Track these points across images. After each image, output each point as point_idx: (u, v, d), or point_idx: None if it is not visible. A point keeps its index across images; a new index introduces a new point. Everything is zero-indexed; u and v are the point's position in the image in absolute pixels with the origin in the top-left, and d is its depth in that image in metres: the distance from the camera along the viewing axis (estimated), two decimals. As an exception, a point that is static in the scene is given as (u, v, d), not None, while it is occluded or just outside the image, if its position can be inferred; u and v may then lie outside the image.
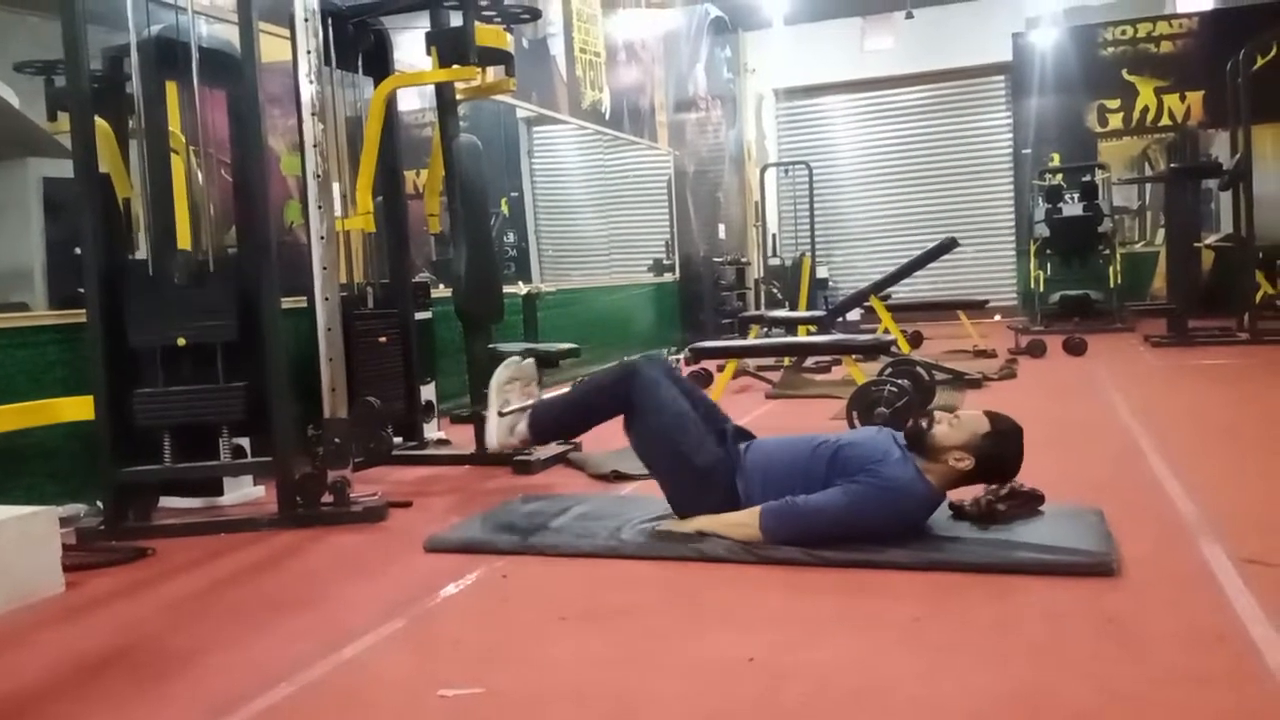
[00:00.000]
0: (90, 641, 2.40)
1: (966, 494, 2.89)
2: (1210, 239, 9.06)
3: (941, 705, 1.81)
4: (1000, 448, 2.72)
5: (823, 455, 2.80)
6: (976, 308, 8.59)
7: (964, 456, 2.70)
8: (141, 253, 3.71)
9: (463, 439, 4.62)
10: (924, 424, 2.76)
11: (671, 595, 2.50)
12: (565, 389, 3.52)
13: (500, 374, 3.28)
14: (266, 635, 2.38)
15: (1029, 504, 2.89)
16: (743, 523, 2.76)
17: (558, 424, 3.28)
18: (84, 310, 3.37)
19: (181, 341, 3.39)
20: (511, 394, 3.27)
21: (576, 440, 4.26)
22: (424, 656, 2.19)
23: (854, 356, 4.97)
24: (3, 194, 5.19)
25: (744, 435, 3.06)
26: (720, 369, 5.35)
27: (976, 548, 2.61)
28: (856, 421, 4.18)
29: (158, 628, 2.49)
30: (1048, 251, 10.17)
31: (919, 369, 5.04)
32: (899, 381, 4.44)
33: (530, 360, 3.37)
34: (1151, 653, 2.01)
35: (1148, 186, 11.17)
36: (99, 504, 3.44)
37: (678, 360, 7.39)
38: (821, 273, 11.24)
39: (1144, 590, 2.36)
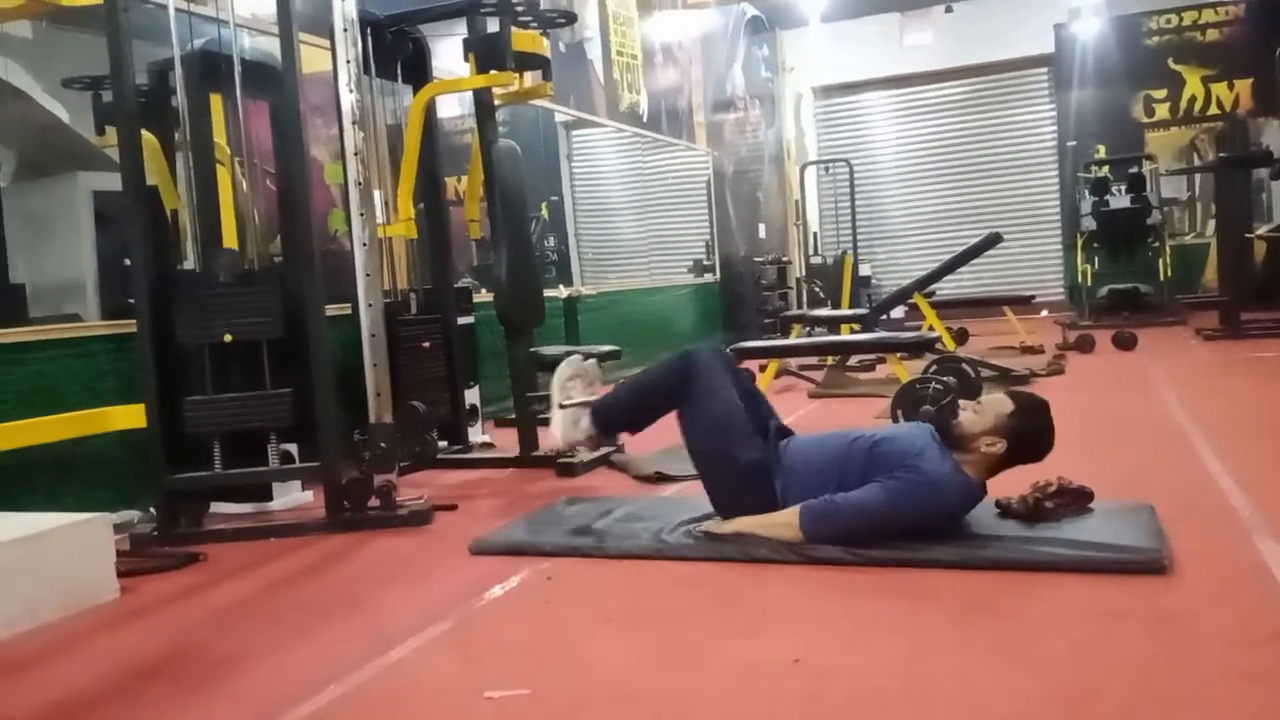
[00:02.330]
0: (141, 647, 2.45)
1: (1013, 491, 2.86)
2: (1262, 229, 8.86)
3: (985, 707, 1.78)
4: (1028, 424, 2.70)
5: (859, 451, 2.78)
6: (1023, 303, 8.47)
7: (995, 440, 2.68)
8: (189, 263, 3.77)
9: (507, 442, 4.65)
10: (949, 415, 2.73)
11: (716, 596, 2.49)
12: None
13: (562, 370, 3.23)
14: (313, 639, 2.41)
15: (1078, 501, 2.85)
16: (783, 523, 2.75)
17: (622, 416, 3.19)
18: (134, 320, 3.43)
19: (228, 337, 3.42)
20: (574, 390, 3.21)
21: (620, 441, 4.25)
22: (469, 659, 2.20)
23: (898, 355, 4.93)
24: (54, 208, 5.30)
25: (786, 433, 3.05)
26: (763, 369, 5.33)
27: (1023, 545, 2.58)
28: (901, 420, 4.14)
29: (207, 633, 2.53)
30: (1095, 245, 10.01)
31: (964, 366, 4.98)
32: (944, 379, 4.39)
33: (593, 360, 3.33)
34: (1203, 651, 1.97)
35: (1197, 177, 10.94)
36: (151, 510, 3.50)
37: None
38: (864, 270, 11.14)
39: (1196, 587, 2.31)
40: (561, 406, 3.16)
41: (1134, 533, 2.60)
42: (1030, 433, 2.71)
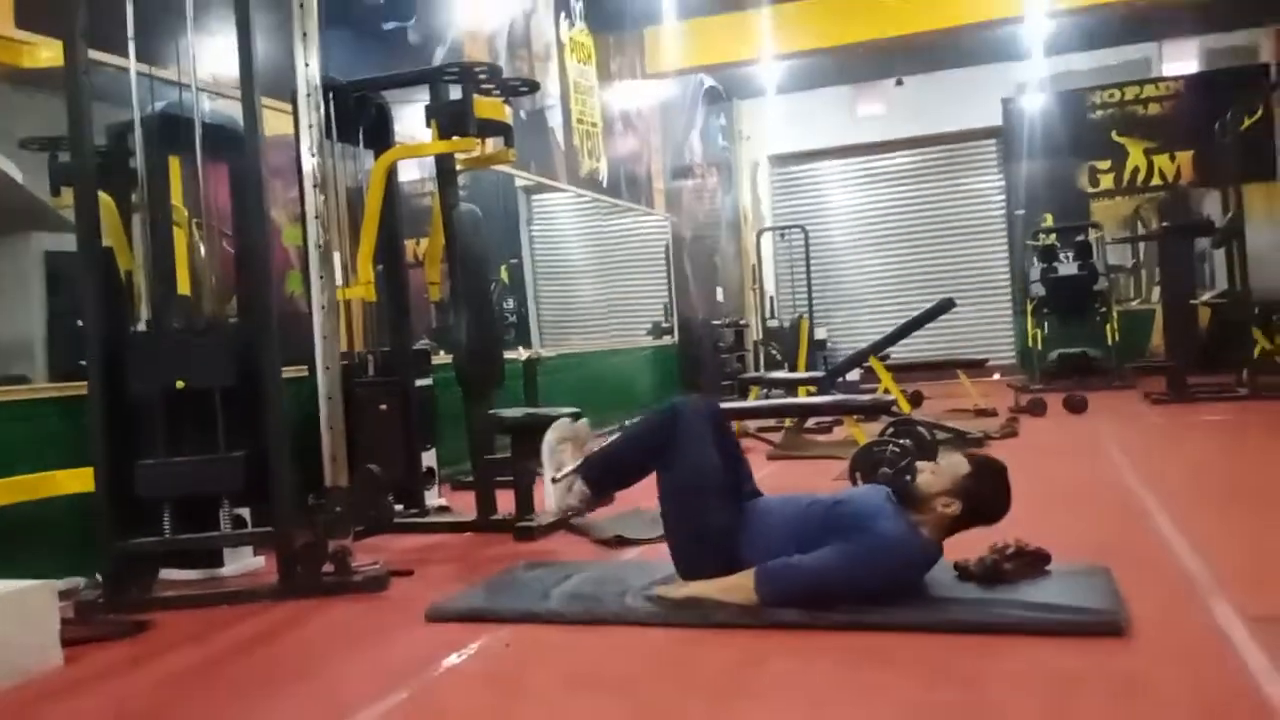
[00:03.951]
0: (83, 718, 2.36)
1: (971, 553, 2.88)
2: (1206, 295, 9.11)
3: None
4: (984, 486, 2.72)
5: (816, 514, 2.79)
6: (976, 367, 8.60)
7: (950, 501, 2.70)
8: (143, 325, 3.73)
9: (464, 504, 4.59)
10: (907, 476, 2.76)
11: (676, 663, 2.47)
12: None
13: (550, 437, 3.16)
14: (264, 712, 2.35)
15: (1035, 563, 2.86)
16: (737, 585, 2.73)
17: (613, 473, 3.12)
18: (84, 383, 3.37)
19: (180, 384, 3.36)
20: (564, 455, 3.14)
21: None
22: (426, 729, 2.16)
23: (855, 417, 4.97)
24: (5, 267, 5.23)
25: (755, 494, 3.05)
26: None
27: (983, 607, 2.59)
28: (859, 482, 4.16)
29: (155, 704, 2.45)
30: (1044, 310, 10.22)
31: (920, 428, 5.04)
32: (900, 441, 4.43)
33: (583, 421, 3.27)
34: (1166, 715, 1.98)
35: (1142, 245, 11.25)
36: (98, 577, 3.40)
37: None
38: (820, 334, 11.28)
39: (1155, 650, 2.33)
40: (554, 480, 3.10)
41: (1091, 594, 2.62)
42: (987, 494, 2.74)
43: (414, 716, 2.25)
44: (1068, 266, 10.32)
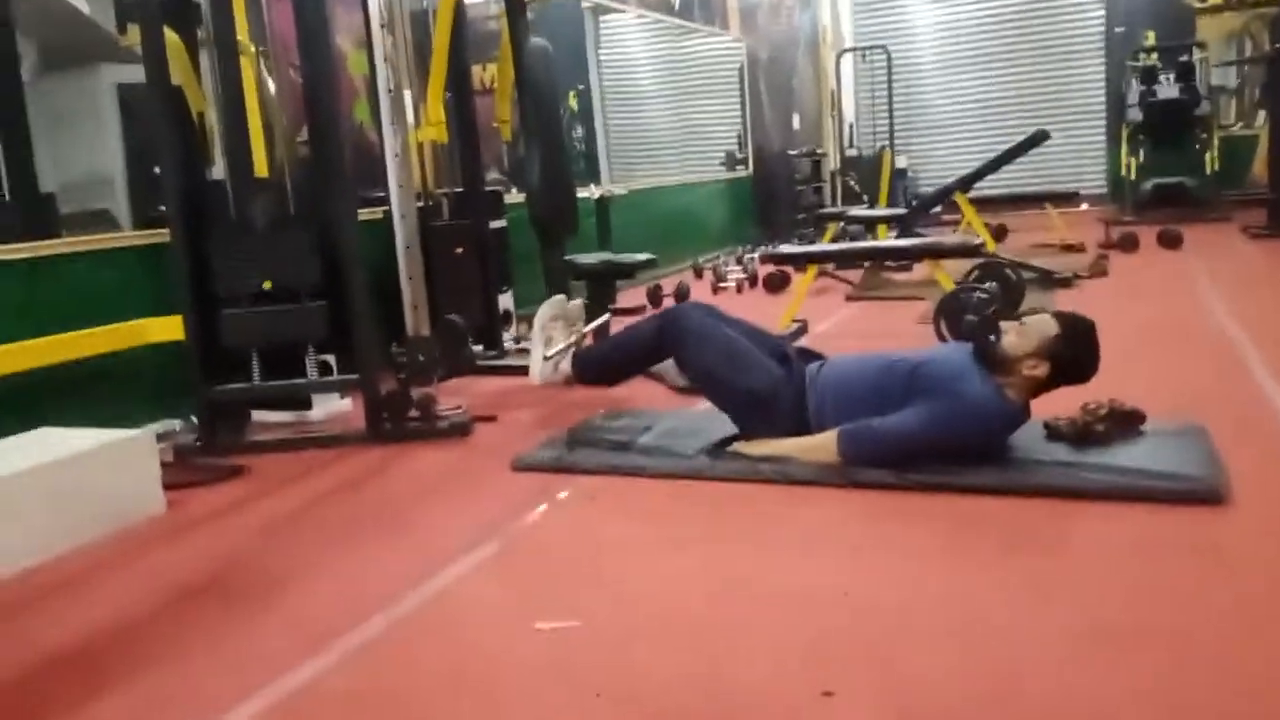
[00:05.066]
0: (189, 565, 2.48)
1: (1063, 411, 2.81)
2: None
3: (1032, 640, 1.77)
4: (1073, 348, 2.62)
5: (899, 375, 2.73)
6: (1066, 200, 8.21)
7: (1037, 363, 2.61)
8: (219, 170, 3.71)
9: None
10: (991, 338, 2.66)
11: (760, 520, 2.48)
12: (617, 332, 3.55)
13: (544, 311, 3.35)
14: (359, 559, 2.43)
15: (1129, 423, 2.79)
16: (819, 446, 2.72)
17: (600, 370, 3.39)
18: (165, 229, 3.39)
19: (267, 285, 3.40)
20: (555, 331, 3.37)
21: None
22: (517, 585, 2.21)
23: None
24: (78, 100, 5.20)
25: (811, 356, 3.02)
26: (801, 272, 5.23)
27: (1072, 470, 2.53)
28: (944, 330, 4.06)
29: (254, 551, 2.56)
30: (1140, 137, 9.67)
31: (1008, 270, 4.87)
32: (986, 287, 4.29)
33: (577, 301, 3.47)
34: (1259, 588, 1.94)
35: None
36: (193, 419, 3.52)
37: (754, 261, 7.27)
38: (900, 163, 10.86)
39: (1251, 516, 2.27)
40: (545, 358, 3.30)
41: (1187, 458, 2.55)
42: (1075, 355, 2.63)
43: (504, 571, 2.30)
44: (1168, 89, 9.69)
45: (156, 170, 3.51)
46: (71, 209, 5.28)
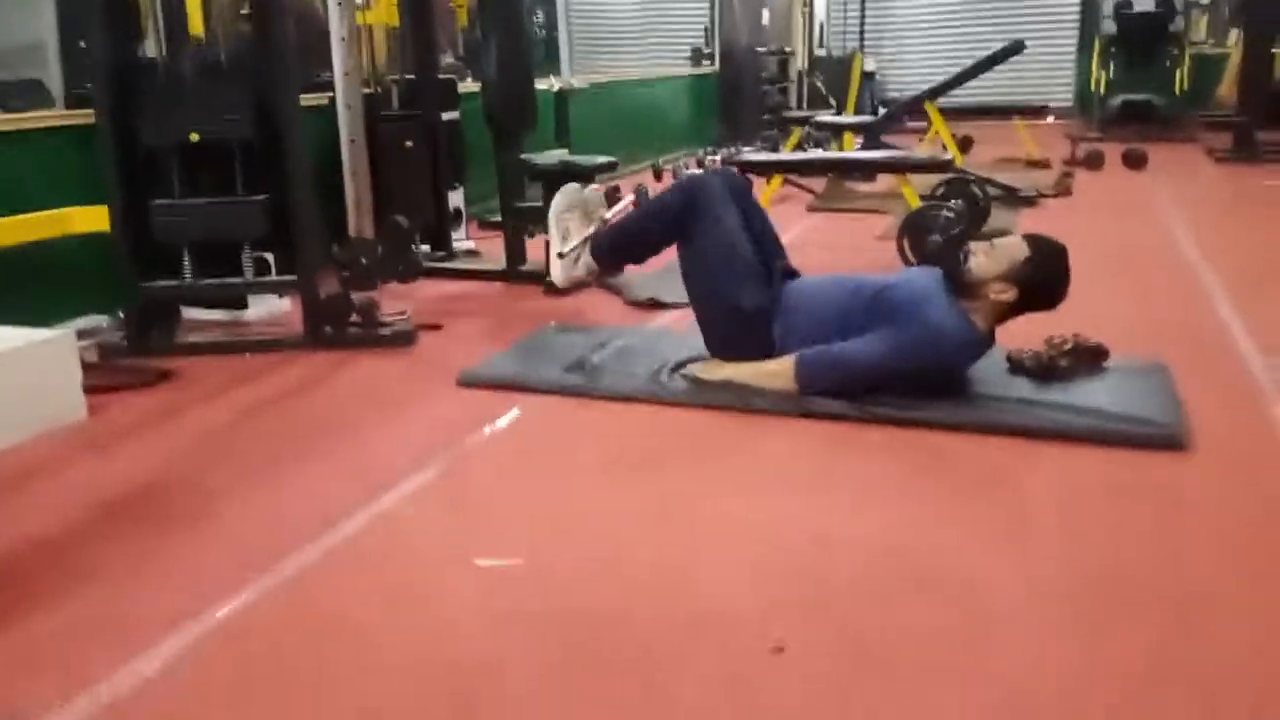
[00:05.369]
0: (114, 479, 2.34)
1: (1024, 342, 2.74)
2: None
3: (988, 590, 1.72)
4: (1043, 273, 2.53)
5: (862, 298, 2.63)
6: (1033, 113, 8.06)
7: (1005, 287, 2.52)
8: (150, 49, 3.43)
9: (492, 249, 4.44)
10: (960, 258, 2.57)
11: (714, 448, 2.40)
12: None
13: (558, 202, 3.01)
14: (296, 476, 2.31)
15: (1092, 359, 2.73)
16: (777, 372, 2.62)
17: (623, 250, 3.04)
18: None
19: (194, 137, 3.15)
20: (571, 223, 3.03)
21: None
22: (458, 514, 2.12)
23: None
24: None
25: (791, 274, 2.87)
26: (764, 179, 5.07)
27: (1032, 410, 2.46)
28: (909, 251, 3.96)
29: (184, 464, 2.43)
30: (1112, 50, 9.50)
31: (974, 188, 4.76)
32: (953, 204, 4.19)
33: (592, 188, 3.12)
34: (1216, 535, 1.91)
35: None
36: (120, 315, 3.33)
37: (716, 164, 7.08)
38: (868, 66, 10.59)
39: (1211, 462, 2.24)
40: (560, 255, 2.99)
41: (1149, 400, 2.50)
42: (1046, 280, 2.54)
43: (445, 498, 2.20)
44: (1144, 2, 9.50)
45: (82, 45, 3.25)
46: (4, 76, 4.94)
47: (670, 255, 2.88)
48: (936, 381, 2.56)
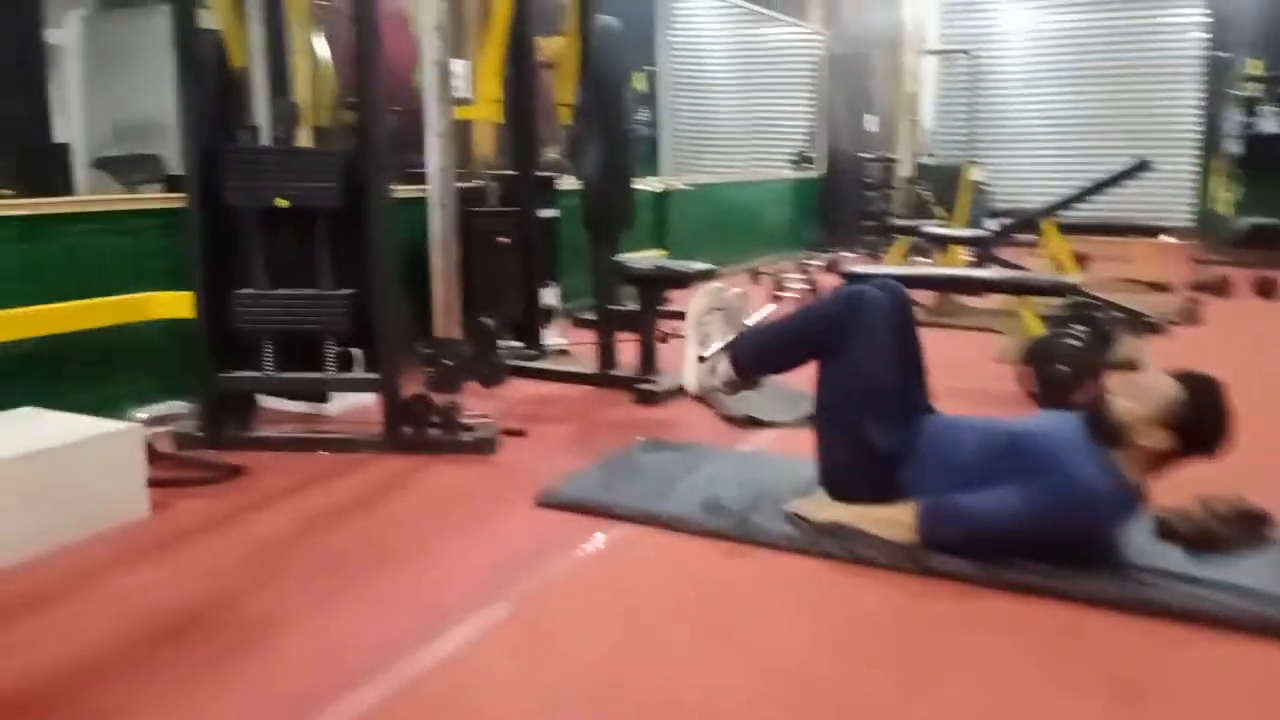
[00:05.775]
0: (162, 589, 2.18)
1: (1175, 500, 2.40)
2: None
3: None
4: (1201, 413, 2.18)
5: (997, 445, 2.34)
6: (1151, 233, 7.67)
7: (1158, 433, 2.19)
8: (258, 138, 3.39)
9: (583, 345, 4.25)
10: (1099, 403, 2.26)
11: (818, 607, 2.12)
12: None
13: (698, 303, 2.73)
14: (355, 603, 2.11)
15: (1255, 527, 2.39)
16: (897, 520, 2.33)
17: (768, 359, 2.70)
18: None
19: (281, 202, 3.03)
20: (712, 327, 2.73)
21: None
22: (531, 660, 1.88)
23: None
24: (134, 41, 4.95)
25: (928, 410, 2.59)
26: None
27: (1189, 588, 2.11)
28: (1034, 382, 3.64)
29: (240, 579, 2.24)
30: (1238, 171, 9.08)
31: (1098, 315, 4.42)
32: (1081, 331, 3.87)
33: (737, 290, 2.83)
34: None
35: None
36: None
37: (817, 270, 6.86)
38: (977, 175, 10.33)
39: None
40: (701, 359, 2.68)
41: (1329, 582, 2.14)
42: (1204, 423, 2.19)
43: (517, 638, 1.97)
44: (1271, 123, 9.10)
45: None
46: (123, 150, 5.03)
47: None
48: (1081, 545, 2.24)
